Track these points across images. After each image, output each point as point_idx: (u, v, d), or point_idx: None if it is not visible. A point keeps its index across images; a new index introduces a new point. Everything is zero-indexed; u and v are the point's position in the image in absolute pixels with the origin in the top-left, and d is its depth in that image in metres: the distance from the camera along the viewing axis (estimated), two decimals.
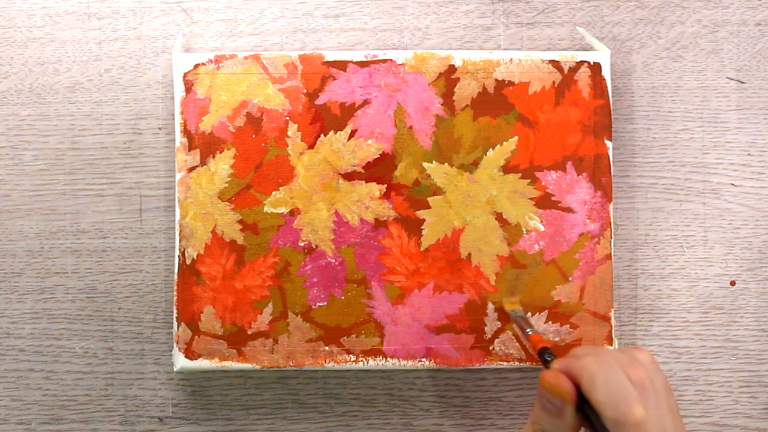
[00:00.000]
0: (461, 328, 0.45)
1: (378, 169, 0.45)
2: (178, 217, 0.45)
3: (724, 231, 0.48)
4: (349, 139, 0.45)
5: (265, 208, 0.45)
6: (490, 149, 0.45)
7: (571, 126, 0.45)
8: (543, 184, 0.45)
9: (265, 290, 0.45)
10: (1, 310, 0.47)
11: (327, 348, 0.45)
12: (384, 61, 0.45)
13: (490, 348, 0.45)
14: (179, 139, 0.45)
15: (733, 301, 0.48)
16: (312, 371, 0.47)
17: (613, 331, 0.45)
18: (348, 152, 0.45)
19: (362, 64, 0.45)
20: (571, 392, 0.35)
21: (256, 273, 0.44)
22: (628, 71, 0.48)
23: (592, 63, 0.45)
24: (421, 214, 0.45)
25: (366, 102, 0.45)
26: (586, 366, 0.35)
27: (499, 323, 0.45)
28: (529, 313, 0.45)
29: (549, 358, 0.38)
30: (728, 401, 0.48)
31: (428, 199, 0.45)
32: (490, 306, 0.45)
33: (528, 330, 0.42)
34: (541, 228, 0.45)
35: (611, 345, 0.45)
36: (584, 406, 0.35)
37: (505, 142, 0.45)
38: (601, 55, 0.45)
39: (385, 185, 0.45)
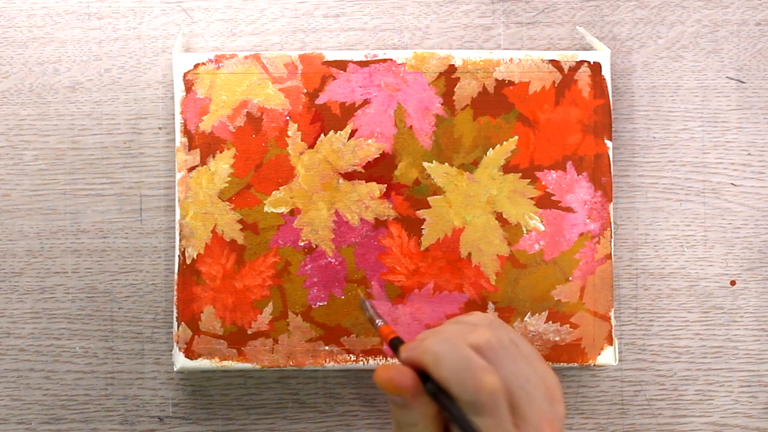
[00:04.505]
0: None
1: (378, 169, 0.45)
2: (178, 216, 0.45)
3: (724, 231, 0.48)
4: (349, 138, 0.45)
5: (265, 208, 0.45)
6: (490, 149, 0.45)
7: (571, 126, 0.45)
8: (543, 183, 0.45)
9: (265, 290, 0.45)
10: (1, 310, 0.47)
11: (327, 348, 0.45)
12: (384, 60, 0.45)
13: None
14: (179, 139, 0.45)
15: (733, 301, 0.48)
16: (312, 371, 0.47)
17: (613, 331, 0.45)
18: (348, 152, 0.45)
19: (362, 64, 0.45)
20: (407, 383, 0.32)
21: (256, 273, 0.45)
22: (628, 71, 0.48)
23: (592, 63, 0.45)
24: (421, 213, 0.45)
25: (366, 102, 0.45)
26: (428, 348, 0.33)
27: None
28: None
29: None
30: (728, 401, 0.48)
31: (428, 198, 0.45)
32: (491, 306, 0.45)
33: (378, 321, 0.39)
34: (542, 228, 0.45)
35: (611, 345, 0.45)
36: (439, 394, 0.32)
37: (505, 142, 0.45)
38: (601, 54, 0.45)
39: (385, 185, 0.45)
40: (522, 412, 0.32)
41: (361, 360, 0.45)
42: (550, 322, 0.45)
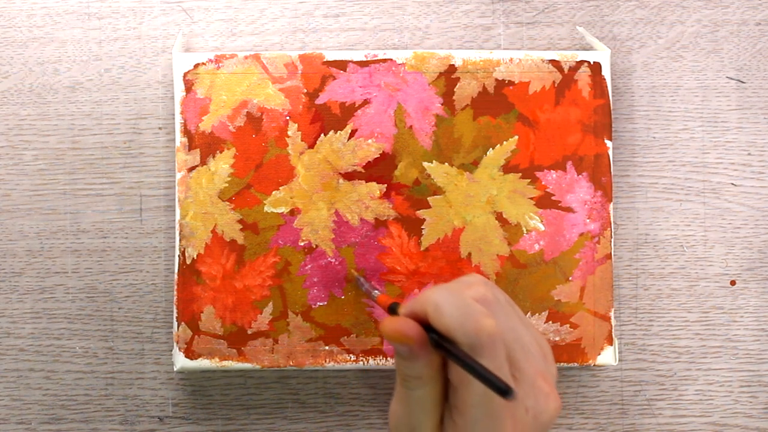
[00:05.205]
0: None
1: (378, 169, 0.45)
2: (178, 216, 0.45)
3: (724, 231, 0.48)
4: (349, 138, 0.45)
5: (265, 208, 0.45)
6: (490, 149, 0.45)
7: (571, 126, 0.45)
8: (543, 183, 0.45)
9: (265, 290, 0.45)
10: (1, 310, 0.47)
11: (327, 347, 0.45)
12: (384, 60, 0.45)
13: None
14: (179, 139, 0.45)
15: (733, 301, 0.48)
16: (312, 371, 0.47)
17: (613, 331, 0.45)
18: (348, 152, 0.45)
19: (362, 64, 0.45)
20: (413, 332, 0.33)
21: (256, 273, 0.45)
22: (628, 71, 0.48)
23: (592, 63, 0.45)
24: (422, 213, 0.45)
25: (366, 102, 0.45)
26: (428, 298, 0.33)
27: None
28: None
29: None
30: (728, 401, 0.48)
31: (428, 198, 0.45)
32: None
33: (375, 292, 0.41)
34: (542, 227, 0.45)
35: (611, 345, 0.45)
36: (441, 341, 0.33)
37: (505, 142, 0.45)
38: (601, 54, 0.45)
39: (385, 185, 0.45)
40: (518, 364, 0.33)
41: (361, 360, 0.45)
42: (550, 322, 0.45)
